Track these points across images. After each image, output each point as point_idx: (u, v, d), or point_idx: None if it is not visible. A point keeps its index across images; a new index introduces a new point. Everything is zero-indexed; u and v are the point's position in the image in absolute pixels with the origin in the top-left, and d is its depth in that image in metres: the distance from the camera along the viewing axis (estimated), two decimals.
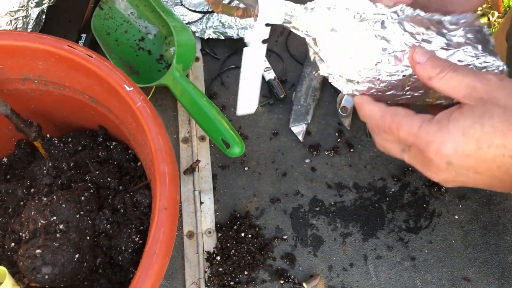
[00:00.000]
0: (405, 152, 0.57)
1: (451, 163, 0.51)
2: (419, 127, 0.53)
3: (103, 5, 0.98)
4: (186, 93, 0.83)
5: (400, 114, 0.55)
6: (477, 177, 0.52)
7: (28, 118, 0.72)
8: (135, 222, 0.67)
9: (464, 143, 0.50)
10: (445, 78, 0.53)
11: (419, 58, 0.56)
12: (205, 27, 0.97)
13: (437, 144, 0.51)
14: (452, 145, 0.50)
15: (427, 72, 0.55)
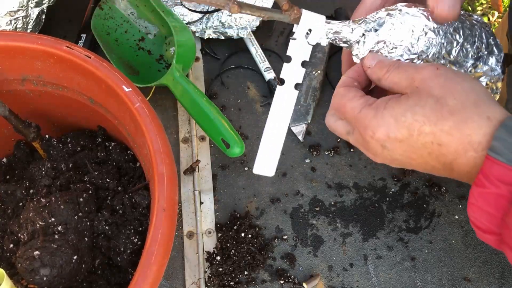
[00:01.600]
0: (350, 134, 0.59)
1: (385, 147, 0.54)
2: (359, 111, 0.56)
3: (103, 5, 0.97)
4: (186, 93, 0.83)
5: (348, 96, 0.58)
6: (413, 162, 0.55)
7: (27, 118, 0.72)
8: (134, 223, 0.67)
9: (396, 129, 0.52)
10: (391, 75, 0.56)
11: (369, 63, 0.60)
12: (205, 27, 0.97)
13: (372, 129, 0.54)
14: (385, 130, 0.53)
15: (377, 75, 0.58)
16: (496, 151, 0.47)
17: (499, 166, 0.47)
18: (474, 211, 0.51)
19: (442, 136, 0.51)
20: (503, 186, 0.47)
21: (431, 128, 0.51)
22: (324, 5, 1.03)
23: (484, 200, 0.49)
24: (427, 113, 0.51)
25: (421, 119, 0.51)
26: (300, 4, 1.05)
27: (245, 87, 0.94)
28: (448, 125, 0.50)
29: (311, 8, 1.04)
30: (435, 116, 0.51)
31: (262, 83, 0.95)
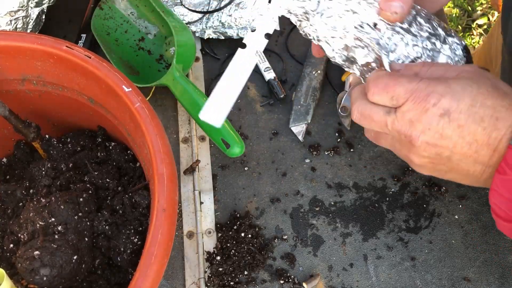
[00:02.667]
0: (390, 114, 0.57)
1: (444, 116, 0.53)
2: (418, 81, 0.54)
3: (103, 5, 0.97)
4: (186, 93, 0.83)
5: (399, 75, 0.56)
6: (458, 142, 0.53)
7: (27, 118, 0.72)
8: (134, 223, 0.67)
9: (462, 97, 0.52)
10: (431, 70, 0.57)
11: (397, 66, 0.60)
12: (205, 27, 0.97)
13: (437, 94, 0.53)
14: (451, 97, 0.52)
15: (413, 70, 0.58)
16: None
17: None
18: (496, 197, 0.52)
19: (502, 111, 0.51)
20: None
21: (493, 102, 0.52)
22: None
23: (505, 187, 0.50)
24: (489, 89, 0.52)
25: (486, 92, 0.52)
26: None
27: (245, 87, 0.94)
28: (506, 101, 0.52)
29: None
30: (496, 92, 0.52)
31: (262, 83, 0.95)
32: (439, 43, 0.63)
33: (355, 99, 0.61)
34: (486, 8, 2.36)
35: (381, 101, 0.57)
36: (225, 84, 0.64)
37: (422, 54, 0.62)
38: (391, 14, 0.59)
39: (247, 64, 0.65)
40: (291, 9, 0.65)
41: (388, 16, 0.59)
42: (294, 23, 0.66)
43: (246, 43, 0.65)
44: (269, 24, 0.65)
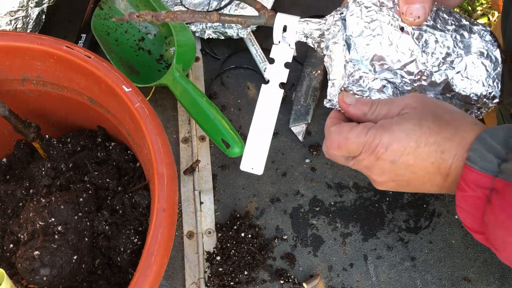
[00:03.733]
0: (349, 160, 0.63)
1: (394, 162, 0.58)
2: (366, 134, 0.59)
3: (103, 5, 0.97)
4: (186, 93, 0.83)
5: (345, 130, 0.61)
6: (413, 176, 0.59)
7: (27, 118, 0.72)
8: (134, 223, 0.67)
9: (406, 142, 0.57)
10: (378, 108, 0.61)
11: (349, 100, 0.64)
12: (205, 27, 0.97)
13: (385, 144, 0.57)
14: (397, 145, 0.57)
15: (361, 110, 0.63)
16: (472, 160, 0.53)
17: (474, 173, 0.53)
18: (461, 212, 0.57)
19: (445, 143, 0.56)
20: (478, 189, 0.53)
21: (435, 138, 0.56)
22: (324, 5, 1.03)
23: (466, 202, 0.55)
24: (431, 125, 0.56)
25: (427, 131, 0.56)
26: (301, 5, 1.05)
27: (245, 87, 0.94)
28: (448, 132, 0.56)
29: (311, 8, 1.05)
30: (437, 127, 0.56)
31: (262, 83, 0.94)
32: (467, 33, 0.64)
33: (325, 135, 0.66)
34: (486, 8, 2.36)
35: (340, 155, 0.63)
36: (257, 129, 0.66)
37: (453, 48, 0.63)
38: (413, 19, 0.61)
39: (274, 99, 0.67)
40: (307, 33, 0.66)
41: (411, 21, 0.62)
42: (312, 45, 0.67)
43: (269, 78, 0.66)
44: (287, 52, 0.65)
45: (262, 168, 0.67)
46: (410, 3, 0.61)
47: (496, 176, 0.52)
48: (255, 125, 0.66)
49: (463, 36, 0.64)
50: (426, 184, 0.60)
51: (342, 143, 0.61)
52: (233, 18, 0.62)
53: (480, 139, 0.54)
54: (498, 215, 0.52)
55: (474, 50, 0.64)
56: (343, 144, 0.61)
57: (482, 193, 0.53)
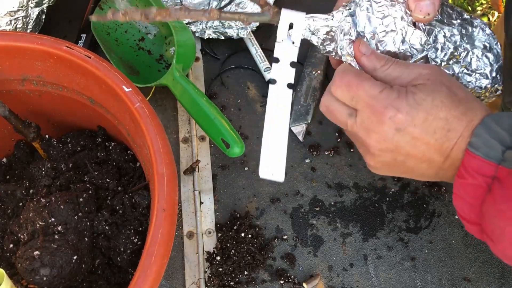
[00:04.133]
0: (351, 116, 0.59)
1: (399, 130, 0.55)
2: (380, 91, 0.56)
3: (103, 5, 0.97)
4: (186, 93, 0.83)
5: (364, 76, 0.58)
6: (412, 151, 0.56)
7: (27, 118, 0.72)
8: (134, 223, 0.67)
9: (416, 112, 0.54)
10: (389, 69, 0.58)
11: (364, 49, 0.60)
12: (205, 27, 0.97)
13: (394, 109, 0.54)
14: (407, 112, 0.54)
15: (373, 63, 0.59)
16: (475, 146, 0.51)
17: (476, 159, 0.51)
18: (458, 201, 0.55)
19: (453, 121, 0.54)
20: (479, 177, 0.51)
21: (445, 114, 0.54)
22: (324, 5, 1.03)
23: (465, 191, 0.53)
24: (444, 99, 0.54)
25: (440, 104, 0.54)
26: (301, 5, 1.05)
27: (245, 87, 0.94)
28: (459, 111, 0.54)
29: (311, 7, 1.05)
30: (450, 102, 0.54)
31: (262, 83, 0.95)
32: (470, 27, 0.65)
33: (327, 90, 0.62)
34: (486, 8, 2.36)
35: (341, 97, 0.59)
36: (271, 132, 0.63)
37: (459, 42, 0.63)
38: (423, 16, 0.60)
39: (284, 99, 0.63)
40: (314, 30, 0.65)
41: (421, 19, 0.61)
42: (315, 43, 0.65)
43: (275, 78, 0.63)
44: (292, 51, 0.64)
45: (283, 174, 0.63)
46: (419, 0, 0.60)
47: (499, 164, 0.51)
48: (268, 129, 0.63)
49: (467, 30, 0.64)
50: (423, 163, 0.58)
51: (354, 84, 0.57)
52: (235, 15, 0.60)
53: (484, 124, 0.52)
54: (499, 205, 0.50)
55: (477, 44, 0.64)
56: (355, 85, 0.57)
57: (483, 181, 0.52)
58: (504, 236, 0.51)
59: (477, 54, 0.64)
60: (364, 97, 0.56)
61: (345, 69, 0.59)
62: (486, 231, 0.53)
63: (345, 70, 0.59)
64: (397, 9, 0.61)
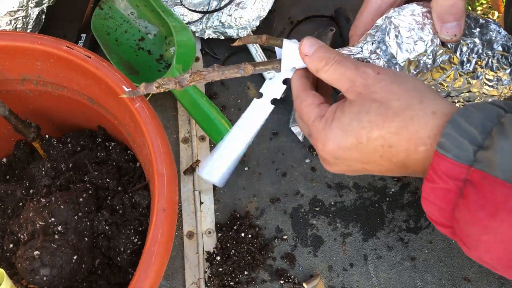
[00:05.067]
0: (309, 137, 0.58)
1: (337, 157, 0.54)
2: (312, 122, 0.55)
3: (103, 5, 0.97)
4: (186, 93, 0.83)
5: (306, 102, 0.57)
6: (367, 166, 0.55)
7: (27, 118, 0.72)
8: (134, 223, 0.67)
9: (344, 139, 0.52)
10: (330, 70, 0.55)
11: (306, 50, 0.57)
12: (205, 27, 0.97)
13: (322, 142, 0.54)
14: (333, 142, 0.53)
15: (315, 64, 0.57)
16: (444, 147, 0.47)
17: (446, 161, 0.47)
18: (427, 205, 0.52)
19: (391, 138, 0.51)
20: (450, 181, 0.48)
21: (379, 132, 0.51)
22: (324, 5, 1.03)
23: (435, 195, 0.50)
24: (373, 118, 0.51)
25: (368, 125, 0.51)
26: (301, 4, 1.05)
27: (245, 87, 0.94)
28: (394, 126, 0.51)
29: (311, 8, 1.05)
30: (381, 120, 0.51)
31: (262, 83, 0.94)
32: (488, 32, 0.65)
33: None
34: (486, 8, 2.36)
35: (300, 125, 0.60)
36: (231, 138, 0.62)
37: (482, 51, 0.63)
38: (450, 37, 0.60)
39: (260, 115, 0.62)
40: None
41: (447, 40, 0.61)
42: None
43: (263, 92, 0.63)
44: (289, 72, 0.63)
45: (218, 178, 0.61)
46: (445, 22, 0.60)
47: (471, 166, 0.46)
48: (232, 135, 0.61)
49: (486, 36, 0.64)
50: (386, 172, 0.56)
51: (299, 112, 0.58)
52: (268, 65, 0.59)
53: (452, 122, 0.48)
54: (475, 212, 0.47)
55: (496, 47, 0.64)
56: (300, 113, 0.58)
57: (454, 185, 0.48)
58: (479, 244, 0.48)
59: (498, 57, 0.64)
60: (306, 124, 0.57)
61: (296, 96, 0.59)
62: (459, 236, 0.50)
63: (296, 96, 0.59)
64: (426, 33, 0.61)
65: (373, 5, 0.66)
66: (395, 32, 0.62)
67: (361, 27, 0.67)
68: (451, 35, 0.60)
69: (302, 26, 1.02)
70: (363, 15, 0.67)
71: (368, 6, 0.67)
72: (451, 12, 0.59)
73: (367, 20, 0.66)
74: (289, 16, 1.03)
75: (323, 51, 0.57)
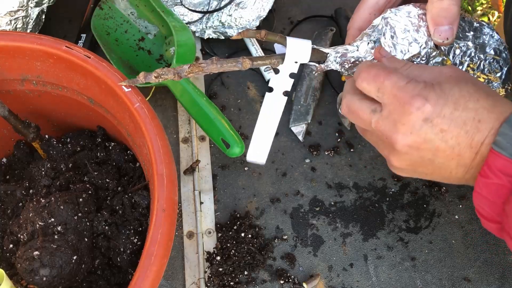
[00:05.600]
0: (375, 112, 0.59)
1: (427, 120, 0.54)
2: (406, 82, 0.55)
3: (103, 5, 0.97)
4: (186, 93, 0.83)
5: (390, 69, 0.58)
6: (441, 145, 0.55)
7: (27, 118, 0.72)
8: (133, 223, 0.67)
9: (444, 102, 0.54)
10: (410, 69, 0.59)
11: (385, 53, 0.63)
12: (205, 27, 0.97)
13: (422, 99, 0.54)
14: (435, 102, 0.54)
15: (394, 64, 0.60)
16: (500, 145, 0.50)
17: (501, 159, 0.50)
18: (479, 199, 0.54)
19: (484, 113, 0.53)
20: (504, 177, 0.51)
21: (474, 104, 0.53)
22: (324, 5, 1.03)
23: (488, 190, 0.52)
24: (471, 90, 0.54)
25: (467, 95, 0.54)
26: (301, 4, 1.05)
27: (245, 87, 0.94)
28: (488, 102, 0.53)
29: (311, 8, 1.05)
30: (478, 94, 0.54)
31: (262, 83, 0.95)
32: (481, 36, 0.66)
33: (346, 92, 0.62)
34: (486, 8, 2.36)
35: (367, 89, 0.58)
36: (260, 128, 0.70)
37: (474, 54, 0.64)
38: (442, 40, 0.62)
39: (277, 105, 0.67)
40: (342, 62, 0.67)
41: (440, 42, 0.63)
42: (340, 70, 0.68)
43: (273, 86, 0.66)
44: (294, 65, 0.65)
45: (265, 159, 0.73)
46: (439, 25, 0.61)
47: None
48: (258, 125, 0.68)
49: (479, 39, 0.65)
50: (452, 160, 0.56)
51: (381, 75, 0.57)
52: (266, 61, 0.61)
53: (510, 122, 0.51)
54: None
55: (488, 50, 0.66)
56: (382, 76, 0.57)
57: (507, 181, 0.51)
58: None
59: (489, 61, 0.65)
60: (391, 88, 0.56)
61: (371, 64, 0.59)
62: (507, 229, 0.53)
63: (371, 64, 0.59)
64: (421, 35, 0.62)
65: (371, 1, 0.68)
66: (391, 32, 0.63)
67: (358, 21, 0.69)
68: (443, 38, 0.62)
69: (302, 26, 1.02)
70: (360, 10, 0.69)
71: (366, 1, 0.69)
72: (445, 15, 0.61)
73: (365, 14, 0.69)
74: (289, 16, 1.03)
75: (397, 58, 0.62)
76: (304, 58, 0.62)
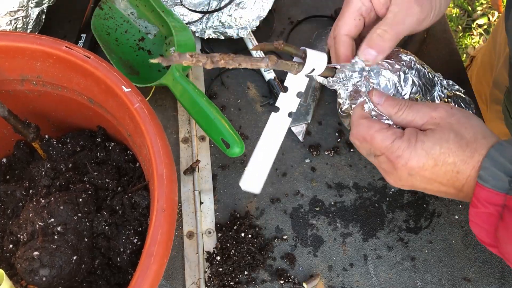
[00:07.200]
0: (371, 156, 0.66)
1: (411, 174, 0.62)
2: (391, 142, 0.62)
3: (103, 5, 0.97)
4: (186, 93, 0.83)
5: (374, 128, 0.64)
6: (428, 187, 0.64)
7: (26, 119, 0.72)
8: (133, 223, 0.67)
9: (426, 160, 0.60)
10: (403, 114, 0.65)
11: (377, 99, 0.67)
12: (205, 27, 0.97)
13: (405, 159, 0.61)
14: (416, 161, 0.61)
15: (388, 111, 0.66)
16: (483, 178, 0.57)
17: (485, 191, 0.57)
18: (475, 227, 0.60)
19: (461, 165, 0.60)
20: (490, 206, 0.57)
21: (453, 159, 0.60)
22: (324, 5, 1.03)
23: (479, 218, 0.59)
24: (451, 145, 0.60)
25: (447, 151, 0.60)
26: (301, 4, 1.05)
27: (245, 87, 0.94)
28: (465, 155, 0.60)
29: (311, 8, 1.05)
30: (456, 148, 0.60)
31: (262, 83, 0.95)
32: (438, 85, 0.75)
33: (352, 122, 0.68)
34: (486, 8, 2.36)
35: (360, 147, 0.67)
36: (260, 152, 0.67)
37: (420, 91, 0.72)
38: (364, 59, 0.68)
39: (281, 128, 0.67)
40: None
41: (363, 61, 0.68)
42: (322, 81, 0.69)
43: (279, 106, 0.66)
44: (302, 82, 0.66)
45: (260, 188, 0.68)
46: (369, 47, 0.67)
47: (507, 194, 0.55)
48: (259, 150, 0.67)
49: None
50: (440, 193, 0.65)
51: (368, 139, 0.64)
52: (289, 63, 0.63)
53: (489, 157, 0.57)
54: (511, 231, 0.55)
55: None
56: (368, 140, 0.64)
57: (494, 210, 0.56)
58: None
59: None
60: (378, 147, 0.63)
61: (358, 123, 0.66)
62: (502, 253, 0.59)
63: (358, 124, 0.66)
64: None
65: (354, 6, 0.71)
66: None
67: (343, 27, 0.72)
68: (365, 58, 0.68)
69: (302, 26, 1.02)
70: (344, 16, 0.72)
71: (349, 7, 0.71)
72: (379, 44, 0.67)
73: (349, 21, 0.71)
74: (289, 16, 1.03)
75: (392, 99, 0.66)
76: (320, 68, 0.65)
